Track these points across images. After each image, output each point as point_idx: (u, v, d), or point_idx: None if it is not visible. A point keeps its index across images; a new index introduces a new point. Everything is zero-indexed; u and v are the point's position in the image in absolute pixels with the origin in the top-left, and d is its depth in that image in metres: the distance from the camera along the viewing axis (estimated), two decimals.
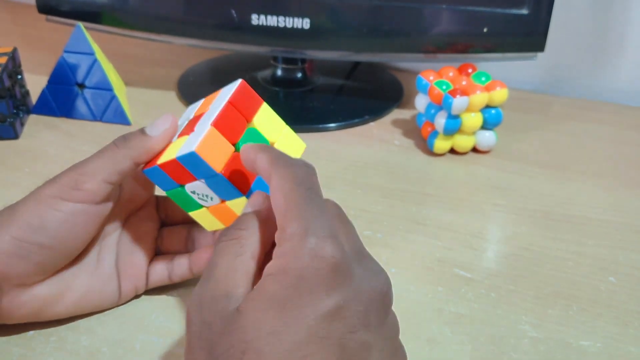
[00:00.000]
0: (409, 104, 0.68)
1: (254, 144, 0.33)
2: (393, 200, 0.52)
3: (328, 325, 0.26)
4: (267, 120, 0.37)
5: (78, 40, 0.60)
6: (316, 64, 0.73)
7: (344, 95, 0.70)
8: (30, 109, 0.64)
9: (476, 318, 0.40)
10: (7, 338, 0.37)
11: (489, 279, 0.44)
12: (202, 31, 0.64)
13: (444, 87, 0.56)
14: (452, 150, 0.59)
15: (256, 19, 0.61)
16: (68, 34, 0.61)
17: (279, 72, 0.71)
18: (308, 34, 0.61)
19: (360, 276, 0.28)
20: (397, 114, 0.67)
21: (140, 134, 0.36)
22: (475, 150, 0.60)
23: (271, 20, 0.61)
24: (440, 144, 0.58)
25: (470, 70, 0.60)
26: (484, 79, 0.58)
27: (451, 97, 0.55)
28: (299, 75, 0.71)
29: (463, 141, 0.58)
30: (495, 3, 0.58)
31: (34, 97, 0.64)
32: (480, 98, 0.56)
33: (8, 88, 0.58)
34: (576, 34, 0.72)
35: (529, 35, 0.59)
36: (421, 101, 0.60)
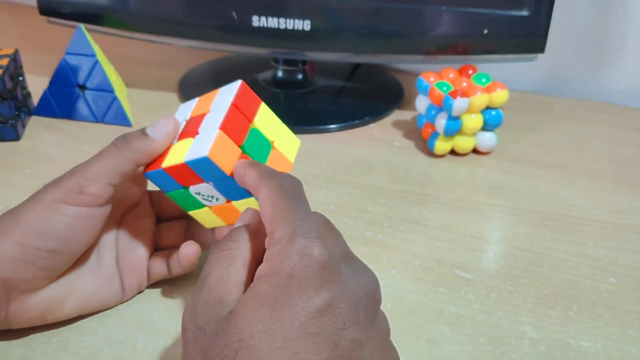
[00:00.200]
0: (410, 105, 0.68)
1: (244, 161, 0.34)
2: (393, 201, 0.52)
3: (318, 321, 0.26)
4: (267, 120, 0.38)
5: (79, 42, 0.60)
6: (317, 66, 0.73)
7: (345, 96, 0.70)
8: (31, 111, 0.64)
9: (476, 319, 0.40)
10: (9, 339, 0.38)
11: (489, 280, 0.44)
12: (203, 33, 0.64)
13: (445, 89, 0.57)
14: (453, 152, 0.60)
15: (257, 21, 0.61)
16: (69, 35, 0.61)
17: (279, 74, 0.71)
18: (309, 36, 0.61)
19: (348, 275, 0.28)
20: (398, 115, 0.67)
21: (142, 135, 0.36)
22: (475, 151, 0.60)
23: (272, 22, 0.61)
24: (441, 145, 0.58)
25: (470, 71, 0.60)
26: (484, 80, 0.58)
27: (452, 99, 0.55)
28: (300, 76, 0.71)
29: (463, 142, 0.58)
30: (496, 4, 0.58)
31: (36, 99, 0.64)
32: (480, 99, 0.56)
33: (9, 90, 0.58)
34: (576, 35, 0.72)
35: (529, 36, 0.59)
36: (422, 102, 0.60)
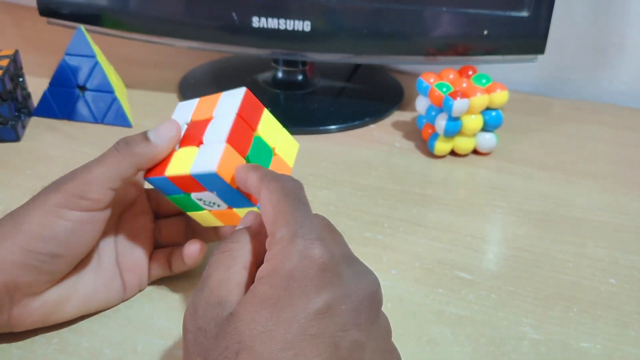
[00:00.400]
0: (410, 106, 0.68)
1: (245, 164, 0.34)
2: (394, 202, 0.52)
3: (319, 323, 0.26)
4: (269, 126, 0.38)
5: (79, 43, 0.60)
6: (317, 66, 0.73)
7: (345, 97, 0.70)
8: (31, 112, 0.64)
9: (476, 319, 0.40)
10: (9, 340, 0.37)
11: (489, 281, 0.44)
12: (203, 33, 0.64)
13: (445, 89, 0.57)
14: (453, 152, 0.60)
15: (257, 22, 0.61)
16: (69, 36, 0.61)
17: (279, 75, 0.71)
18: (309, 37, 0.61)
19: (349, 277, 0.28)
20: (398, 116, 0.67)
21: (144, 140, 0.36)
22: (475, 152, 0.60)
23: (272, 23, 0.61)
24: (441, 146, 0.58)
25: (470, 72, 0.60)
26: (484, 81, 0.58)
27: (452, 99, 0.55)
28: (300, 77, 0.71)
29: (463, 143, 0.58)
30: (496, 5, 0.58)
31: (36, 100, 0.64)
32: (480, 100, 0.56)
33: (10, 90, 0.58)
34: (576, 36, 0.72)
35: (529, 37, 0.59)
36: (422, 103, 0.60)
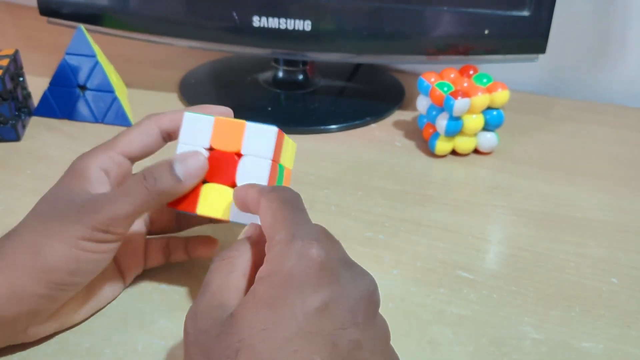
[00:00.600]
0: (411, 105, 0.68)
1: (243, 185, 0.35)
2: (394, 201, 0.52)
3: (317, 321, 0.27)
4: (285, 151, 0.39)
5: (79, 42, 0.60)
6: (317, 66, 0.73)
7: (346, 97, 0.70)
8: (31, 111, 0.64)
9: (478, 319, 0.40)
10: None
11: (490, 281, 0.44)
12: (204, 33, 0.64)
13: (446, 89, 0.56)
14: (454, 152, 0.59)
15: (257, 21, 0.61)
16: (69, 36, 0.61)
17: (280, 74, 0.71)
18: (309, 36, 0.61)
19: (347, 277, 0.29)
20: (399, 115, 0.67)
21: (173, 179, 0.35)
22: (476, 151, 0.60)
23: (272, 22, 0.61)
24: (442, 146, 0.58)
25: (471, 71, 0.60)
26: (485, 80, 0.58)
27: (452, 99, 0.55)
28: (300, 77, 0.71)
29: (464, 143, 0.58)
30: (496, 5, 0.58)
31: (36, 99, 0.64)
32: (481, 100, 0.56)
33: (10, 90, 0.58)
34: (577, 35, 0.72)
35: (530, 37, 0.59)
36: (422, 103, 0.60)
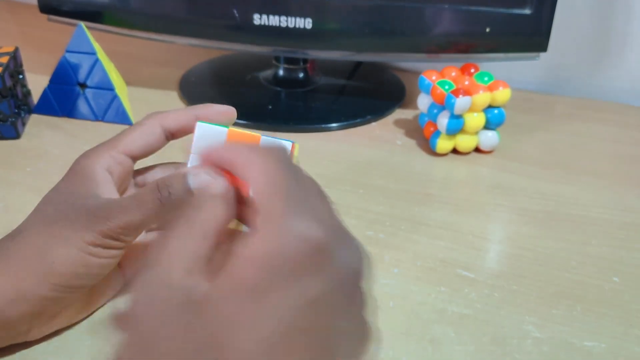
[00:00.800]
0: (412, 103, 0.68)
1: (229, 143, 0.31)
2: (395, 200, 0.52)
3: (306, 311, 0.24)
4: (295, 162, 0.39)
5: (80, 40, 0.60)
6: (318, 64, 0.72)
7: (346, 95, 0.70)
8: (31, 109, 0.64)
9: (479, 318, 0.40)
10: None
11: (492, 279, 0.44)
12: (204, 31, 0.64)
13: (447, 87, 0.56)
14: (455, 150, 0.59)
15: (258, 19, 0.61)
16: (70, 33, 0.61)
17: (280, 72, 0.71)
18: (310, 34, 0.61)
19: (339, 258, 0.25)
20: (400, 114, 0.67)
21: (186, 191, 0.34)
22: (477, 150, 0.60)
23: (273, 20, 0.61)
24: (443, 144, 0.58)
25: (472, 70, 0.60)
26: (486, 78, 0.58)
27: (454, 97, 0.54)
28: (301, 75, 0.71)
29: (465, 141, 0.58)
30: (498, 3, 0.58)
31: (36, 97, 0.64)
32: (482, 98, 0.55)
33: (10, 88, 0.58)
34: (579, 33, 0.72)
35: (531, 35, 0.59)
36: (424, 101, 0.60)
